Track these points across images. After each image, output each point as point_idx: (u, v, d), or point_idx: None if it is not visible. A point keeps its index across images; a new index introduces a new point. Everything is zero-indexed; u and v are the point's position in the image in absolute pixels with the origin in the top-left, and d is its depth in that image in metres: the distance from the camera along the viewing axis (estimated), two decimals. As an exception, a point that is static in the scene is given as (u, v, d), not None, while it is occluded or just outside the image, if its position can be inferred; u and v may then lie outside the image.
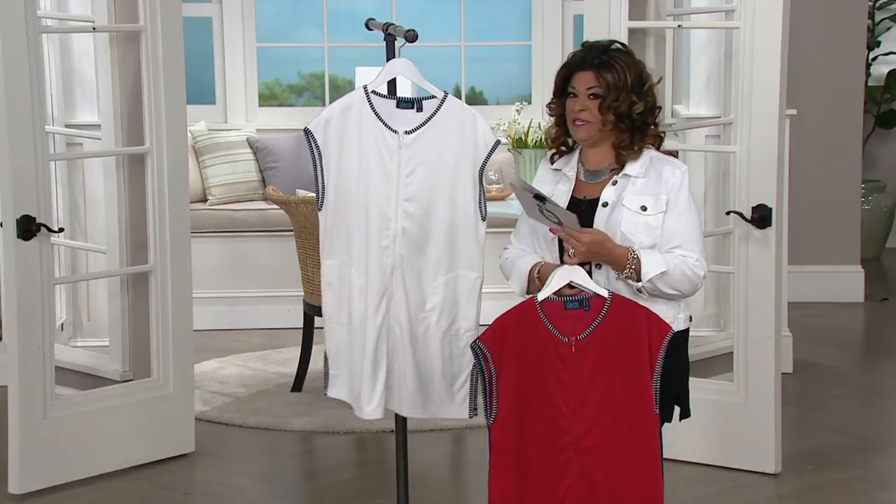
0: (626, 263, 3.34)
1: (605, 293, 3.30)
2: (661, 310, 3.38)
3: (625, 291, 3.37)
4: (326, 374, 3.72)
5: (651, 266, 3.34)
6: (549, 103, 3.54)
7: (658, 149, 3.51)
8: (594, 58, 3.43)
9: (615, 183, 3.44)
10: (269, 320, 7.08)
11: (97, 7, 5.37)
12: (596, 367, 3.29)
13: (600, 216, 3.41)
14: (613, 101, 3.39)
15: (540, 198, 3.28)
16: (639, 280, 3.34)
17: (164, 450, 4.99)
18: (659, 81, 3.53)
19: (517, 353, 3.31)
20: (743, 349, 4.79)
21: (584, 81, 3.42)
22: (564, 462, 3.31)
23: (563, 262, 3.36)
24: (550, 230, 3.37)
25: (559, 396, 3.29)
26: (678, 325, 3.41)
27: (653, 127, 3.46)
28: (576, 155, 3.52)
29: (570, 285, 3.32)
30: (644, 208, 3.40)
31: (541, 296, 3.31)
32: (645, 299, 3.36)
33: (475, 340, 3.36)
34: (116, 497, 4.68)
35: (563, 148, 3.54)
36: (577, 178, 3.50)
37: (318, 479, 5.01)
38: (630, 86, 3.40)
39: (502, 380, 3.32)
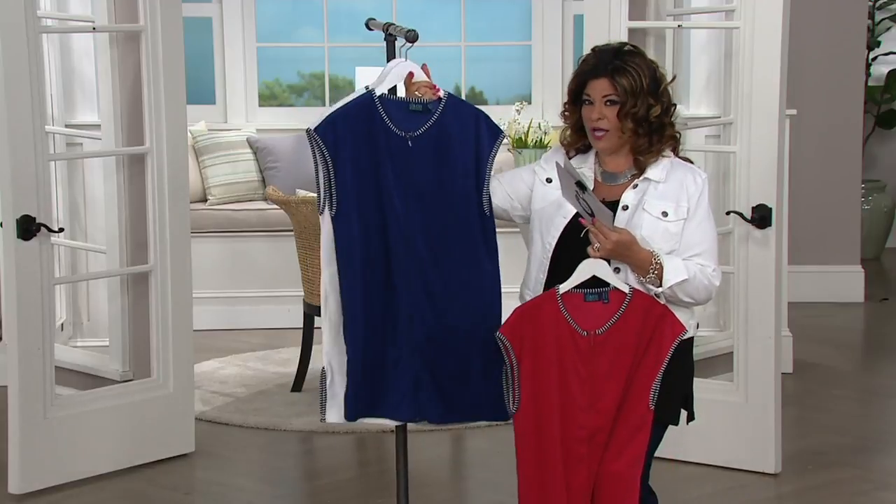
0: (649, 268, 3.31)
1: (625, 288, 3.30)
2: (676, 314, 3.36)
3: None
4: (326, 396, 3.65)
5: (673, 273, 3.32)
6: (564, 111, 3.50)
7: (676, 152, 3.48)
8: (607, 63, 3.38)
9: (636, 186, 3.41)
10: (269, 320, 7.08)
11: (97, 7, 5.37)
12: (612, 362, 3.29)
13: (620, 219, 3.36)
14: (631, 107, 3.35)
15: (581, 186, 3.25)
16: (660, 286, 3.32)
17: (164, 450, 4.99)
18: (673, 80, 3.49)
19: (536, 344, 3.32)
20: (743, 349, 4.79)
21: (599, 89, 3.38)
22: (581, 455, 3.32)
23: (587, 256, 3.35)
24: (580, 220, 3.34)
25: (577, 389, 3.30)
26: (689, 332, 3.41)
27: (669, 127, 3.43)
28: (592, 155, 3.49)
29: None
30: (665, 214, 3.37)
31: (562, 288, 3.31)
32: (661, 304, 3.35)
33: (497, 332, 3.36)
34: (116, 497, 4.68)
35: (579, 148, 3.52)
36: (595, 178, 3.47)
37: (318, 479, 5.01)
38: (646, 89, 3.36)
39: (523, 371, 3.33)
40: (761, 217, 4.67)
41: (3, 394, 4.74)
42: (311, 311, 5.70)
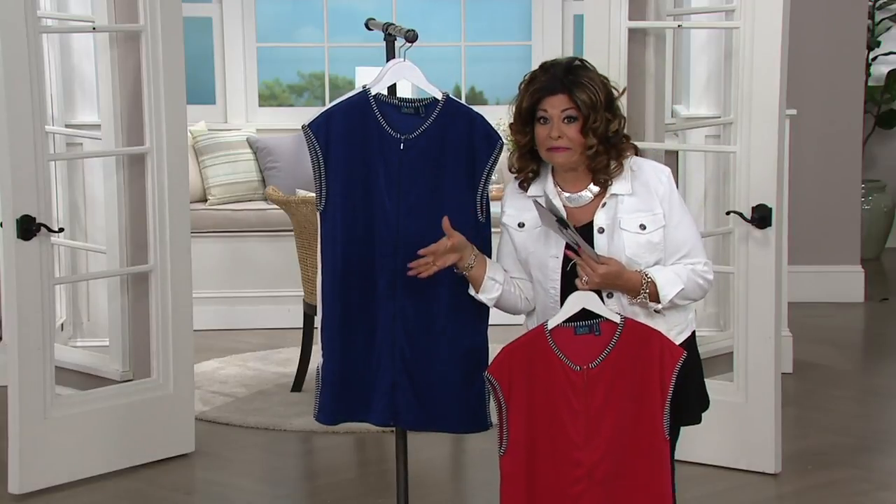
0: (640, 289, 3.25)
1: (616, 318, 3.23)
2: (677, 317, 3.35)
3: (641, 313, 3.29)
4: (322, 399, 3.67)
5: (668, 287, 3.26)
6: (515, 133, 3.33)
7: (636, 152, 3.38)
8: (561, 78, 3.27)
9: (604, 205, 3.31)
10: (269, 320, 7.08)
11: (97, 7, 5.37)
12: (608, 395, 3.21)
13: (599, 242, 3.29)
14: (593, 122, 3.24)
15: (563, 223, 3.18)
16: (656, 301, 3.25)
17: (164, 450, 4.99)
18: (622, 93, 3.37)
19: (526, 382, 3.23)
20: (743, 349, 4.79)
21: (556, 105, 3.26)
22: (578, 494, 3.23)
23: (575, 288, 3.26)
24: (566, 252, 3.26)
25: (571, 427, 3.22)
26: (689, 329, 3.38)
27: (626, 140, 3.33)
28: (549, 178, 3.37)
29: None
30: (643, 227, 3.29)
31: (551, 323, 3.23)
32: (662, 315, 3.30)
33: (485, 371, 3.30)
34: (116, 497, 4.68)
35: (531, 174, 3.38)
36: (564, 205, 3.34)
37: (318, 479, 5.01)
38: (603, 104, 3.26)
39: (512, 411, 3.24)
40: (761, 217, 4.67)
41: (3, 394, 4.74)
42: (311, 311, 5.70)
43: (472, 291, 3.41)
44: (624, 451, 3.22)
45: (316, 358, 5.71)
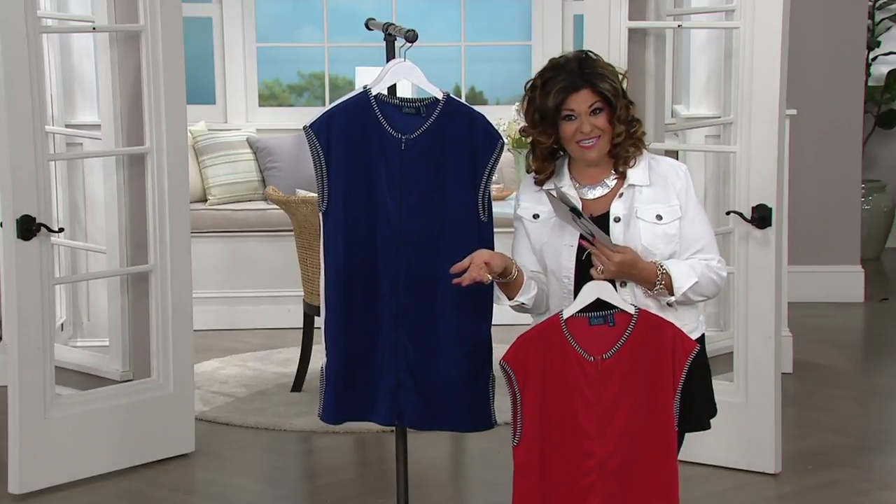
0: (655, 280, 3.26)
1: (631, 310, 3.23)
2: (688, 315, 3.35)
3: (654, 306, 3.30)
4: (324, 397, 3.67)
5: (683, 279, 3.27)
6: (538, 135, 3.34)
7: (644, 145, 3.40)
8: (579, 74, 3.29)
9: (621, 195, 3.34)
10: (269, 320, 7.08)
11: (97, 7, 5.38)
12: (622, 386, 3.21)
13: (615, 231, 3.30)
14: (621, 109, 3.29)
15: (576, 212, 3.19)
16: (671, 294, 3.27)
17: (164, 450, 4.99)
18: (626, 73, 3.42)
19: (541, 372, 3.23)
20: (743, 349, 4.79)
21: (582, 101, 3.28)
22: (590, 485, 3.23)
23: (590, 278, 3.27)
24: (580, 241, 3.27)
25: (585, 417, 3.22)
26: (699, 330, 3.39)
27: (638, 125, 3.36)
28: (565, 174, 3.39)
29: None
30: (660, 217, 3.31)
31: (566, 313, 3.23)
32: (674, 310, 3.31)
33: (500, 359, 3.29)
34: (116, 497, 4.68)
35: (549, 174, 3.40)
36: (580, 198, 3.35)
37: (318, 479, 5.01)
38: (622, 90, 3.32)
39: (526, 400, 3.23)
40: (761, 217, 4.67)
41: (3, 394, 4.74)
42: (311, 311, 5.70)
43: (504, 302, 3.36)
44: (635, 443, 3.23)
45: (316, 358, 5.74)
